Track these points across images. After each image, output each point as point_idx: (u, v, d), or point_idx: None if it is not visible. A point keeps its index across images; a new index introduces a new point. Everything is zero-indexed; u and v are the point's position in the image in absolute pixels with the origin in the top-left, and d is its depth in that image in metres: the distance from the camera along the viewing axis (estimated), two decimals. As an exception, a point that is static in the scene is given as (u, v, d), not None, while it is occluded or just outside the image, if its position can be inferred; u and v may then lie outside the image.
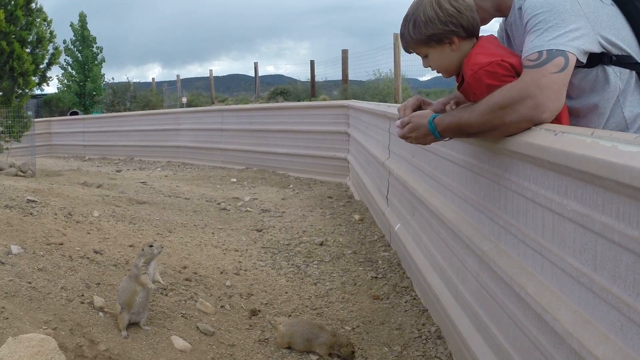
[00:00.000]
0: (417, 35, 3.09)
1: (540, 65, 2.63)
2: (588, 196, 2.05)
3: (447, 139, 3.12)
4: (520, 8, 3.00)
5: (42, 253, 5.14)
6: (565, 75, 2.63)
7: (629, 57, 2.85)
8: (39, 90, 16.27)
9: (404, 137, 3.26)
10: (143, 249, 4.27)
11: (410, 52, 3.30)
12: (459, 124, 2.90)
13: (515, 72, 2.80)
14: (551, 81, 2.60)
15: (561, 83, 2.63)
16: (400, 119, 3.31)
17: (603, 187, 1.92)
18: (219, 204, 10.07)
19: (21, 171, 13.13)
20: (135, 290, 4.14)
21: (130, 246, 6.14)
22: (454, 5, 3.00)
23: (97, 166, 18.34)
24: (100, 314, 4.21)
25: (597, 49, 2.78)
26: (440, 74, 3.29)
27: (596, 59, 2.82)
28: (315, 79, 29.30)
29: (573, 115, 2.99)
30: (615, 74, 2.86)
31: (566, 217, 2.24)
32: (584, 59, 2.74)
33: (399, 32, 3.28)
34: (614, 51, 2.82)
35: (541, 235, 2.51)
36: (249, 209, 9.69)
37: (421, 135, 3.15)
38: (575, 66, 2.70)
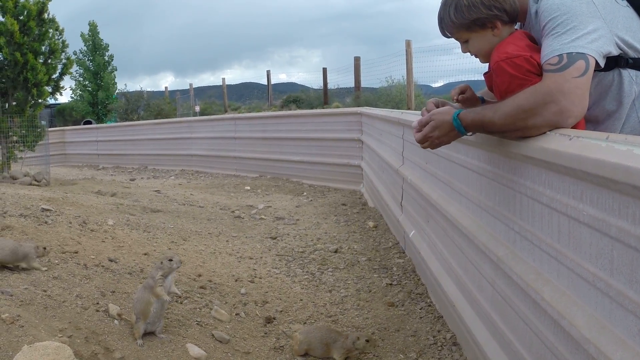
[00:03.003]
0: (459, 19, 3.07)
1: (561, 69, 2.61)
2: (604, 200, 2.04)
3: (470, 134, 3.08)
4: (536, 12, 2.98)
5: (57, 261, 5.16)
6: (587, 79, 2.61)
7: None
8: (52, 99, 16.34)
9: (425, 138, 3.14)
10: (162, 262, 4.24)
11: (448, 37, 3.28)
12: (482, 122, 2.87)
13: (541, 71, 2.79)
14: (574, 86, 2.58)
15: (584, 87, 2.61)
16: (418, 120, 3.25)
17: (619, 191, 1.91)
18: (233, 212, 10.09)
19: (35, 180, 13.18)
20: (150, 301, 4.14)
21: (145, 254, 6.15)
22: None
23: (111, 175, 18.41)
24: (116, 321, 4.22)
25: (615, 51, 2.75)
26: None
27: (612, 63, 2.79)
28: (328, 86, 29.27)
29: (590, 122, 2.96)
30: (631, 77, 2.84)
31: (582, 222, 2.23)
32: (602, 62, 2.72)
33: (408, 40, 3.25)
34: (631, 53, 2.80)
35: (557, 240, 2.50)
36: (263, 216, 9.70)
37: (444, 133, 3.05)
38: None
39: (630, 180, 1.78)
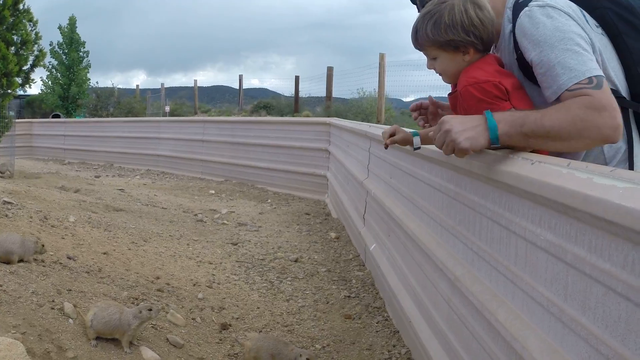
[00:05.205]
0: (434, 36, 3.00)
1: (597, 87, 2.49)
2: (562, 227, 2.06)
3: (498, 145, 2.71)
4: (510, 32, 2.98)
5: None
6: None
7: (615, 90, 2.82)
8: (22, 91, 16.19)
9: (443, 135, 2.75)
10: (141, 312, 4.11)
11: (417, 49, 3.19)
12: (524, 122, 2.57)
13: (509, 96, 2.78)
14: (617, 106, 2.50)
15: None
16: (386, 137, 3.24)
17: (577, 218, 1.93)
18: (195, 215, 10.04)
19: (-1, 172, 13.06)
20: (112, 333, 4.07)
21: (104, 254, 6.09)
22: (479, 15, 2.93)
23: (76, 170, 18.24)
24: (70, 320, 4.17)
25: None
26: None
27: None
28: (299, 94, 29.34)
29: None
30: None
31: (539, 246, 2.25)
32: None
33: (382, 53, 3.23)
34: None
35: (514, 263, 2.52)
36: (225, 221, 9.67)
37: (475, 134, 2.66)
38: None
39: (589, 208, 1.79)
